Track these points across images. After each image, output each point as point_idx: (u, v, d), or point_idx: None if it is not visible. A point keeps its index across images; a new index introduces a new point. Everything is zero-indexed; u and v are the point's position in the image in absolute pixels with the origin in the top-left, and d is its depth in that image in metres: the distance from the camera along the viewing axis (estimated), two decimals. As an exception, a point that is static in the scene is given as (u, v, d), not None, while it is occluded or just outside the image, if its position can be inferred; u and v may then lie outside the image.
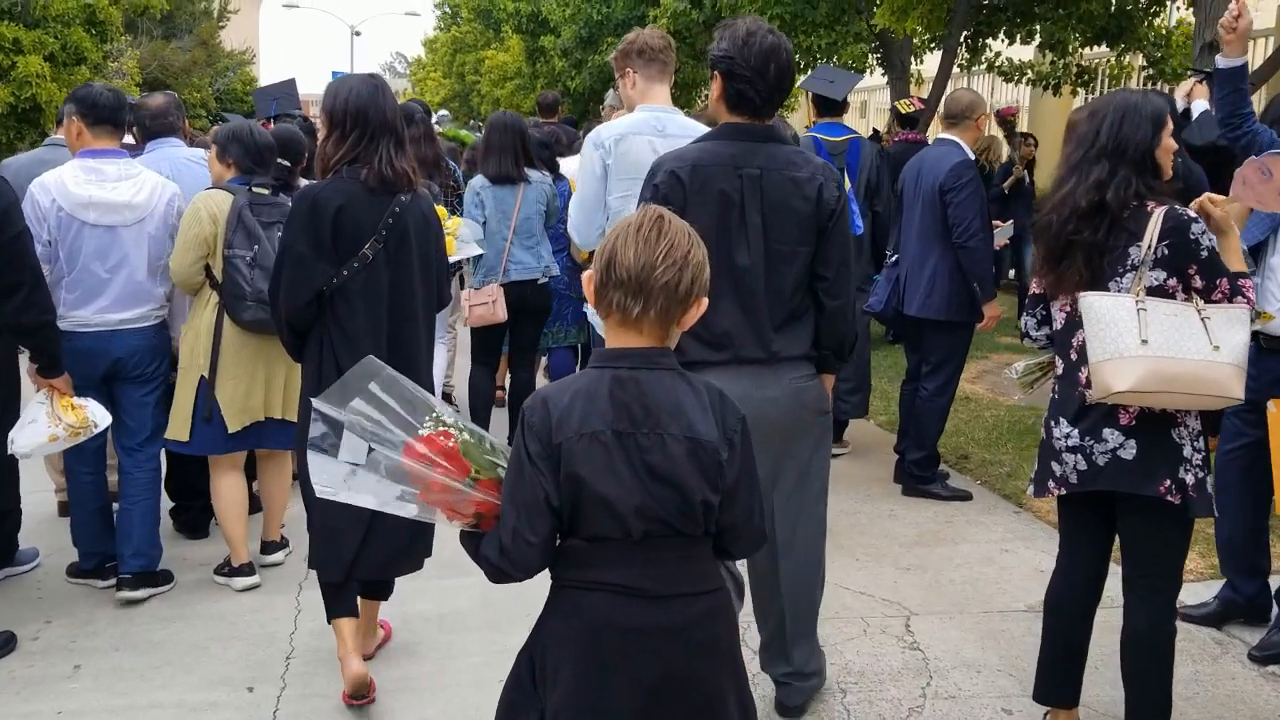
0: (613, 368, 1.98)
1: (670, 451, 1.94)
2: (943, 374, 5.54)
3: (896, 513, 5.43)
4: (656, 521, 1.94)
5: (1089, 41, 10.68)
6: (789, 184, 3.01)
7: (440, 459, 2.02)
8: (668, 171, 3.01)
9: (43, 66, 11.76)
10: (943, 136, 5.50)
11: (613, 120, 4.22)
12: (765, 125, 3.07)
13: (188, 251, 4.08)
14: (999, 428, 6.85)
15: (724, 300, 2.94)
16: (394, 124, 3.34)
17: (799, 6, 10.46)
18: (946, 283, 5.38)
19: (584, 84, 17.57)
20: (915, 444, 5.61)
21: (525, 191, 5.75)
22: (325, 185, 3.33)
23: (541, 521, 1.93)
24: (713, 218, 2.95)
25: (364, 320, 3.31)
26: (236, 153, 4.25)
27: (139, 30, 21.51)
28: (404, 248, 3.37)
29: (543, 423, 1.94)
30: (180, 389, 4.21)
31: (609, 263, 1.96)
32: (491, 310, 5.64)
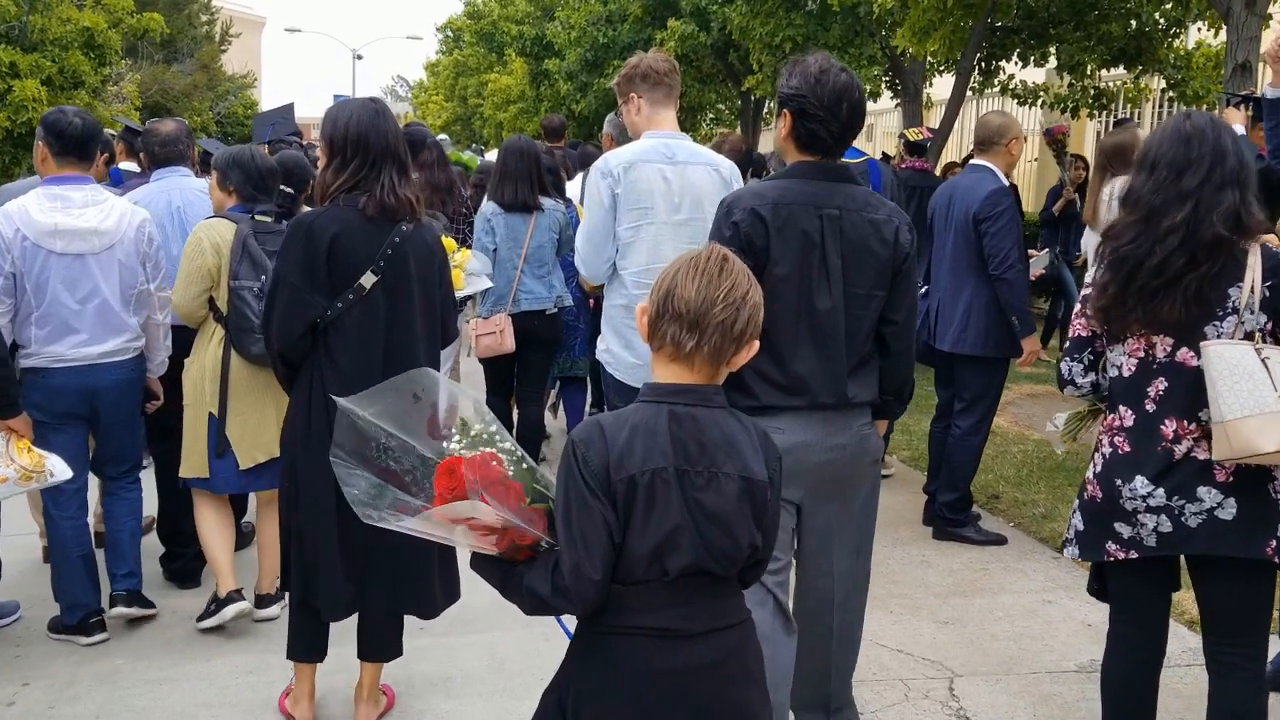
0: (670, 403, 1.96)
1: (724, 490, 1.93)
2: (977, 411, 5.26)
3: (929, 559, 5.14)
4: (696, 564, 1.93)
5: (1107, 63, 10.45)
6: (868, 226, 2.91)
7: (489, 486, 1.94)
8: (748, 209, 2.86)
9: (40, 90, 11.58)
10: (975, 163, 5.24)
11: (617, 148, 4.03)
12: (840, 165, 2.98)
13: (191, 284, 3.93)
14: (1028, 464, 6.56)
15: (802, 344, 2.86)
16: (396, 150, 3.22)
17: (811, 28, 10.24)
18: (982, 316, 5.10)
19: (589, 107, 17.37)
20: (947, 485, 5.32)
21: (538, 219, 5.56)
22: (321, 213, 3.21)
23: (605, 558, 1.90)
24: (795, 258, 2.85)
25: (358, 355, 3.16)
26: (237, 179, 4.06)
27: (139, 54, 21.35)
28: (404, 280, 3.22)
29: (600, 458, 1.91)
30: (190, 427, 4.05)
31: (667, 295, 1.94)
32: (499, 340, 5.44)
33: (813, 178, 2.91)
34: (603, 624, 1.97)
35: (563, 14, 17.82)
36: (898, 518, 5.64)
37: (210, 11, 32.74)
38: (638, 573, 1.93)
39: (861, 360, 2.98)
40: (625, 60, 4.12)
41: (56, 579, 4.11)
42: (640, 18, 15.32)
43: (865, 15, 10.00)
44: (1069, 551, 2.96)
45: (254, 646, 4.08)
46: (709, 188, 3.85)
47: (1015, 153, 5.20)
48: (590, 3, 16.47)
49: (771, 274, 2.80)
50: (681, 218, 3.83)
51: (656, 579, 1.93)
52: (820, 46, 10.38)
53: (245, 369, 3.94)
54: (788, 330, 2.84)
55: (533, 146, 5.69)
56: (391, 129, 3.23)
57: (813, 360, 2.89)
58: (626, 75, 3.94)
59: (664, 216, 3.81)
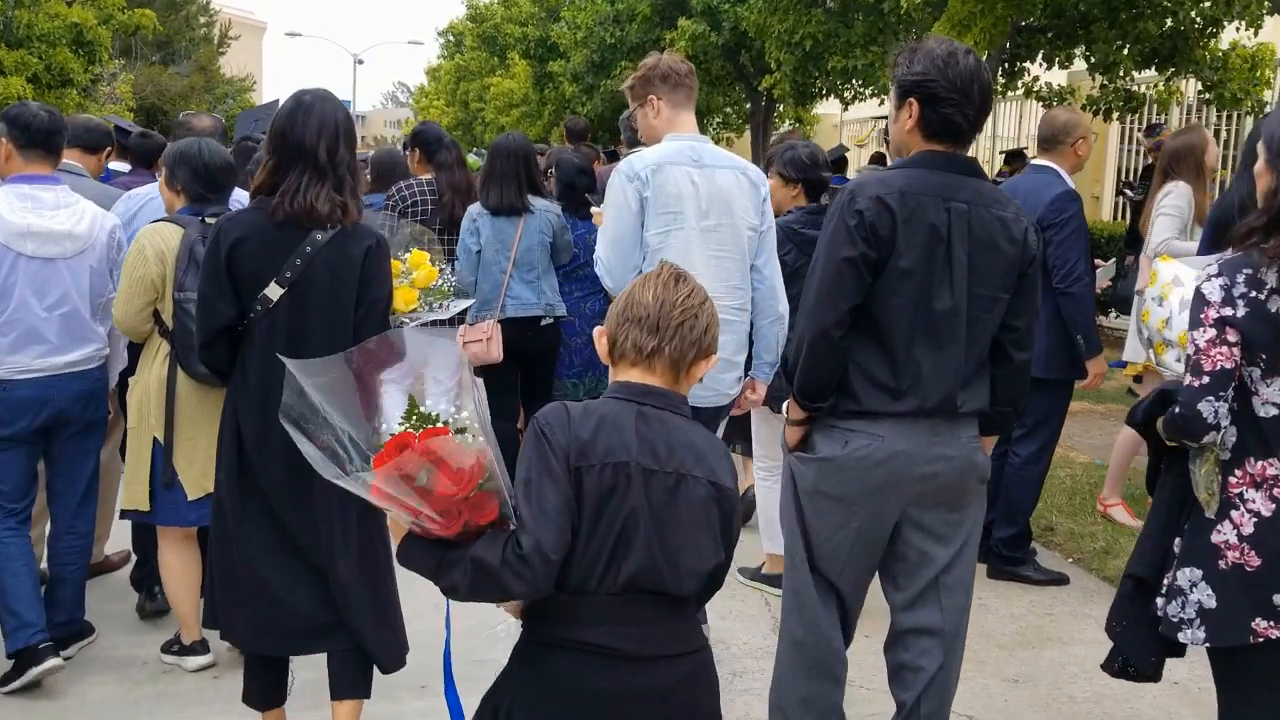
0: (639, 403, 1.92)
1: (692, 494, 1.89)
2: (1038, 439, 4.77)
3: (986, 601, 4.63)
4: (649, 575, 1.86)
5: (1141, 64, 9.98)
6: (997, 223, 2.70)
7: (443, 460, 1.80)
8: (873, 198, 2.65)
9: (25, 88, 11.09)
10: (1038, 163, 4.74)
11: (641, 150, 3.78)
12: (969, 157, 2.80)
13: (134, 297, 3.56)
14: (1079, 492, 6.06)
15: (918, 344, 2.67)
16: (313, 149, 2.94)
17: (833, 25, 9.77)
18: (1044, 334, 4.59)
19: (595, 110, 16.93)
20: (1004, 518, 4.83)
21: (527, 222, 5.18)
22: (232, 216, 3.06)
23: (563, 540, 1.82)
24: (920, 253, 2.65)
25: (261, 371, 2.94)
26: (184, 177, 3.67)
27: (134, 54, 20.88)
28: (311, 294, 2.97)
29: (565, 442, 1.86)
30: (132, 453, 3.68)
31: (626, 305, 1.97)
32: (485, 349, 5.07)
33: (940, 168, 2.71)
34: (544, 635, 1.90)
35: (568, 14, 17.38)
36: (946, 553, 5.13)
37: (209, 13, 32.37)
38: (589, 582, 1.85)
39: (977, 367, 2.77)
40: (633, 61, 3.93)
41: None
42: (649, 17, 14.92)
43: (889, 12, 9.54)
44: (1189, 636, 2.49)
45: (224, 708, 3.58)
46: (737, 192, 3.68)
47: (1083, 153, 4.70)
48: (597, 2, 16.03)
49: (895, 267, 2.63)
50: (710, 223, 3.63)
51: (605, 591, 1.85)
52: (842, 44, 9.94)
53: (194, 390, 3.57)
54: (904, 329, 2.66)
55: (522, 146, 5.33)
56: (311, 125, 2.94)
57: (926, 362, 2.68)
58: (643, 77, 3.75)
59: (693, 222, 3.61)
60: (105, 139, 4.75)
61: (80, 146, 4.56)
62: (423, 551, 1.89)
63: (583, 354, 5.58)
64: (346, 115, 3.08)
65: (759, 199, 3.76)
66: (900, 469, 2.70)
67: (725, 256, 3.66)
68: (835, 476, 2.73)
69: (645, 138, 3.86)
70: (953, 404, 2.73)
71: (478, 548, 1.83)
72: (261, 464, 2.94)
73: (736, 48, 13.98)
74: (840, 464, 2.71)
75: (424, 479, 1.80)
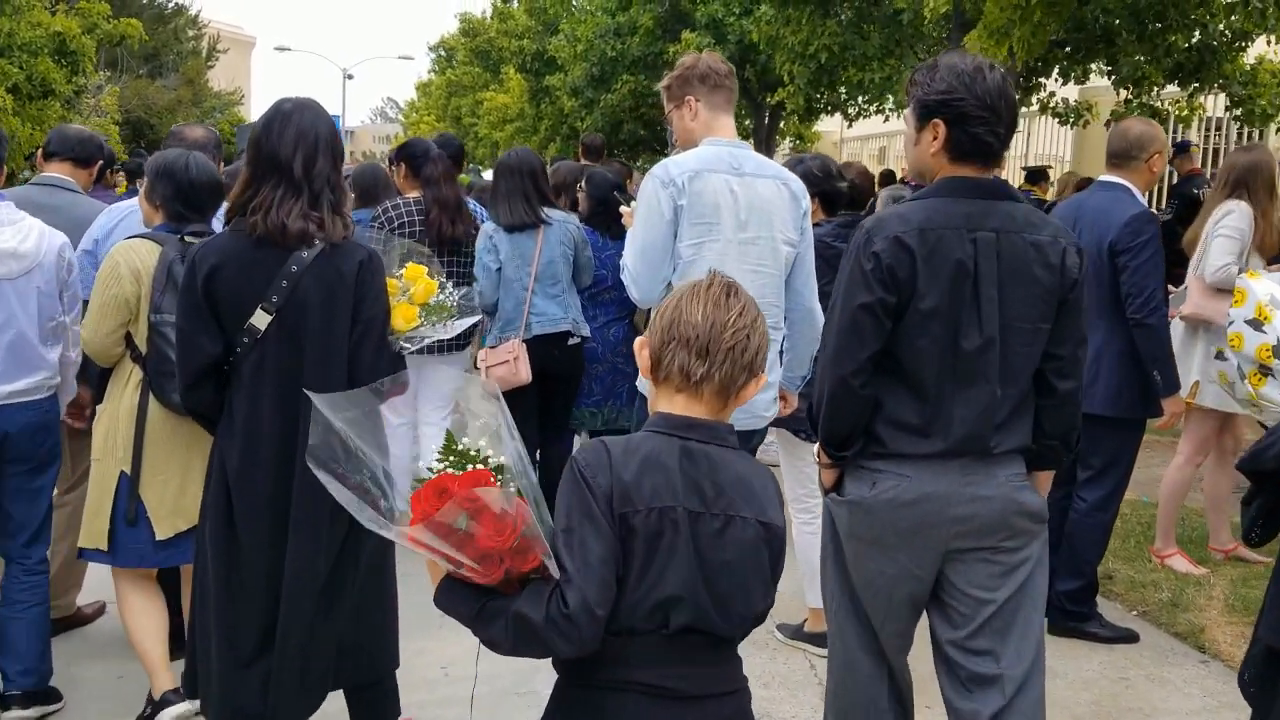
0: (682, 438, 1.82)
1: (742, 537, 1.81)
2: (1107, 483, 4.33)
3: (1052, 664, 4.12)
4: (701, 619, 1.79)
5: (1169, 78, 9.64)
6: (1030, 250, 2.52)
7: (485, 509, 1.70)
8: (890, 238, 2.49)
9: (5, 99, 10.63)
10: (1107, 180, 4.32)
11: (677, 155, 3.57)
12: (997, 179, 2.61)
13: (106, 317, 3.30)
14: (1133, 534, 5.62)
15: (947, 385, 2.53)
16: (288, 162, 2.73)
17: (848, 38, 9.38)
18: (1115, 369, 4.19)
19: (595, 124, 16.52)
20: (1068, 570, 4.39)
21: (546, 234, 4.91)
22: (207, 241, 2.84)
23: (609, 593, 1.73)
24: (944, 291, 2.49)
25: (249, 410, 2.74)
26: (165, 192, 3.37)
27: (120, 66, 20.43)
28: (304, 320, 2.74)
29: (606, 486, 1.76)
30: (95, 485, 3.38)
31: (673, 322, 1.85)
32: (514, 369, 4.76)
33: (964, 195, 2.53)
34: (591, 678, 1.80)
35: (567, 26, 16.99)
36: (1001, 606, 4.70)
37: (197, 26, 31.97)
38: (636, 622, 1.77)
39: (1016, 404, 2.60)
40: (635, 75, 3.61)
41: None
42: (651, 30, 14.55)
43: (908, 23, 9.16)
44: None
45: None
46: (778, 203, 3.48)
47: (1157, 169, 4.27)
48: (598, 15, 15.64)
49: (916, 309, 2.49)
50: (748, 235, 3.41)
51: (655, 630, 1.78)
52: (859, 57, 9.56)
53: (166, 420, 3.30)
54: (931, 370, 2.52)
55: (523, 161, 5.04)
56: (288, 136, 2.74)
57: (956, 403, 2.54)
58: (681, 77, 3.56)
59: (730, 233, 3.40)
60: (98, 152, 4.40)
61: (71, 159, 4.24)
62: (462, 598, 1.80)
63: (603, 381, 5.18)
64: (330, 126, 2.86)
65: (799, 213, 3.55)
66: (932, 511, 2.55)
67: (762, 271, 3.42)
68: (867, 519, 2.59)
69: (681, 141, 3.64)
70: (984, 444, 2.57)
71: (521, 603, 1.74)
72: (242, 508, 2.74)
73: (741, 62, 13.60)
74: (869, 506, 2.58)
75: (463, 524, 1.70)
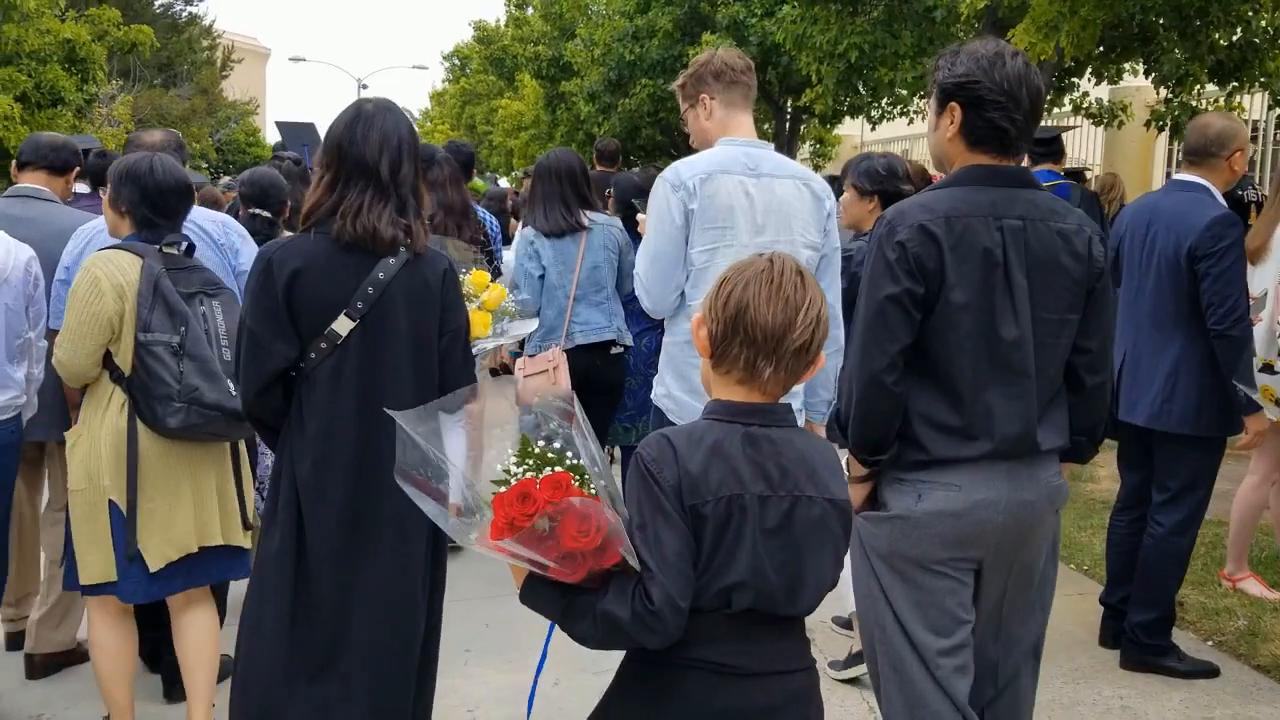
0: (743, 423, 1.83)
1: (810, 515, 1.82)
2: (1185, 506, 4.01)
3: (1130, 703, 3.88)
4: (762, 602, 1.80)
5: (1210, 76, 9.30)
6: (1056, 238, 2.46)
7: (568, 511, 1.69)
8: (915, 226, 2.40)
9: (12, 107, 10.40)
10: (1184, 179, 4.00)
11: (690, 157, 3.40)
12: (1019, 167, 2.55)
13: (86, 336, 3.07)
14: (1198, 554, 5.26)
15: (984, 381, 2.43)
16: (375, 165, 2.66)
17: (879, 36, 9.07)
18: (1194, 384, 3.88)
19: (612, 130, 16.23)
20: (1144, 600, 4.07)
21: (589, 238, 4.68)
22: (286, 243, 2.70)
23: (689, 584, 1.75)
24: (975, 281, 2.41)
25: (324, 419, 2.64)
26: (130, 197, 3.15)
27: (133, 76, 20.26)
28: (387, 326, 2.67)
29: (674, 479, 1.76)
30: (83, 519, 3.14)
31: (739, 314, 1.80)
32: (552, 379, 4.56)
33: (987, 183, 2.46)
34: (654, 655, 1.81)
35: (584, 31, 16.72)
36: (1067, 635, 4.38)
37: (211, 36, 31.88)
38: (699, 603, 1.78)
39: (1052, 398, 2.53)
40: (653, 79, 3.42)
41: None
42: (670, 33, 14.25)
43: (941, 21, 8.85)
44: None
45: None
46: (798, 205, 3.32)
47: (1239, 168, 3.95)
48: (615, 19, 15.36)
49: (947, 301, 2.39)
50: (765, 239, 3.25)
51: (718, 610, 1.79)
52: (890, 55, 9.25)
53: (154, 445, 3.13)
54: (967, 366, 2.42)
55: (560, 163, 4.79)
56: (373, 138, 2.66)
57: (997, 400, 2.44)
58: (695, 75, 3.43)
59: (745, 239, 3.24)
60: (73, 158, 4.14)
61: (45, 168, 4.03)
62: (548, 595, 1.82)
63: (636, 396, 4.92)
64: (411, 129, 2.76)
65: (823, 214, 3.38)
66: (981, 520, 2.45)
67: None
68: (912, 536, 2.47)
69: (697, 142, 3.48)
70: (1032, 443, 2.49)
71: (607, 601, 1.76)
72: (313, 518, 2.64)
73: (763, 64, 13.31)
74: (917, 521, 2.45)
75: (545, 526, 1.71)
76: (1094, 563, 5.23)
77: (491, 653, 3.99)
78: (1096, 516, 5.89)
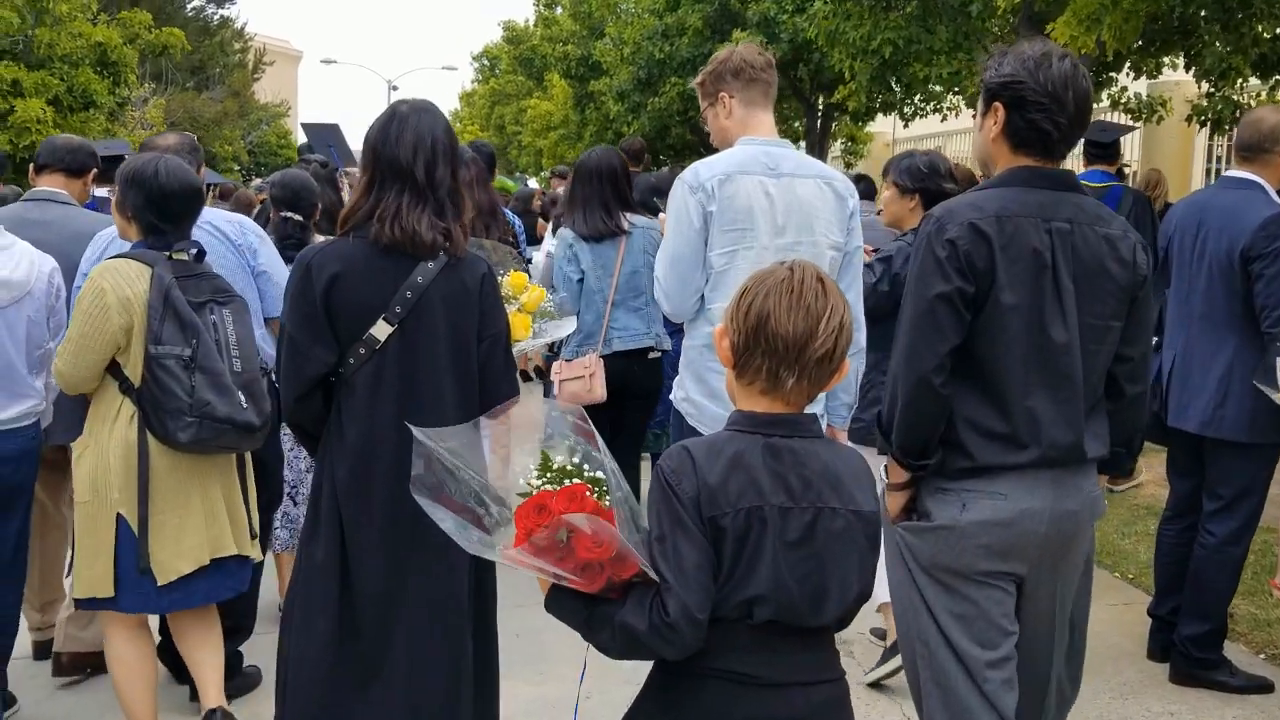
0: (765, 434, 1.81)
1: (833, 528, 1.80)
2: (1239, 514, 3.87)
3: (1181, 718, 3.75)
4: (785, 614, 1.78)
5: (1254, 70, 9.09)
6: (1103, 243, 2.44)
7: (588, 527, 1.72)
8: (965, 224, 2.37)
9: (45, 111, 10.44)
10: (1236, 175, 3.86)
11: (709, 158, 3.36)
12: (1065, 170, 2.54)
13: (87, 350, 3.01)
14: (1246, 564, 5.11)
15: (1032, 386, 2.40)
16: (409, 167, 2.64)
17: (913, 32, 8.93)
18: (1248, 389, 3.72)
19: (641, 129, 16.14)
20: (1195, 612, 3.93)
21: (629, 242, 4.60)
22: (325, 246, 2.69)
23: (708, 595, 1.75)
24: (1025, 283, 2.38)
25: (363, 425, 2.62)
26: (135, 201, 3.07)
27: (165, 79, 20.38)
28: (427, 330, 2.65)
29: (693, 491, 1.76)
30: (88, 532, 3.08)
31: (760, 325, 1.79)
32: (588, 386, 4.49)
33: (1034, 185, 2.43)
34: (679, 663, 1.79)
35: (613, 30, 16.64)
36: (1114, 648, 4.25)
37: (243, 39, 32.07)
38: (721, 614, 1.77)
39: (1093, 406, 2.51)
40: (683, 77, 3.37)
41: None
42: (700, 31, 14.14)
43: (977, 15, 8.69)
44: None
45: None
46: (820, 205, 3.26)
47: (1301, 162, 3.82)
48: (645, 17, 15.26)
49: (997, 302, 2.35)
50: (787, 241, 3.20)
51: (740, 620, 1.77)
52: (924, 51, 9.10)
53: (164, 457, 3.07)
54: (1015, 370, 2.38)
55: (607, 164, 4.69)
56: (406, 139, 2.64)
57: (1045, 405, 2.41)
58: (714, 72, 3.36)
59: (766, 240, 3.19)
60: (89, 160, 4.12)
61: (62, 170, 4.00)
62: (571, 606, 1.84)
63: (667, 403, 4.83)
64: (448, 130, 2.73)
65: (845, 214, 3.31)
66: (1026, 530, 2.41)
67: None
68: (957, 546, 2.42)
69: (717, 141, 3.42)
70: (1080, 451, 2.46)
71: (625, 612, 1.77)
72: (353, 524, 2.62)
73: (794, 61, 13.18)
74: (963, 531, 2.40)
75: (563, 537, 1.74)
76: (1139, 571, 5.09)
77: (520, 664, 3.91)
78: (1140, 523, 5.74)
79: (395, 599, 2.63)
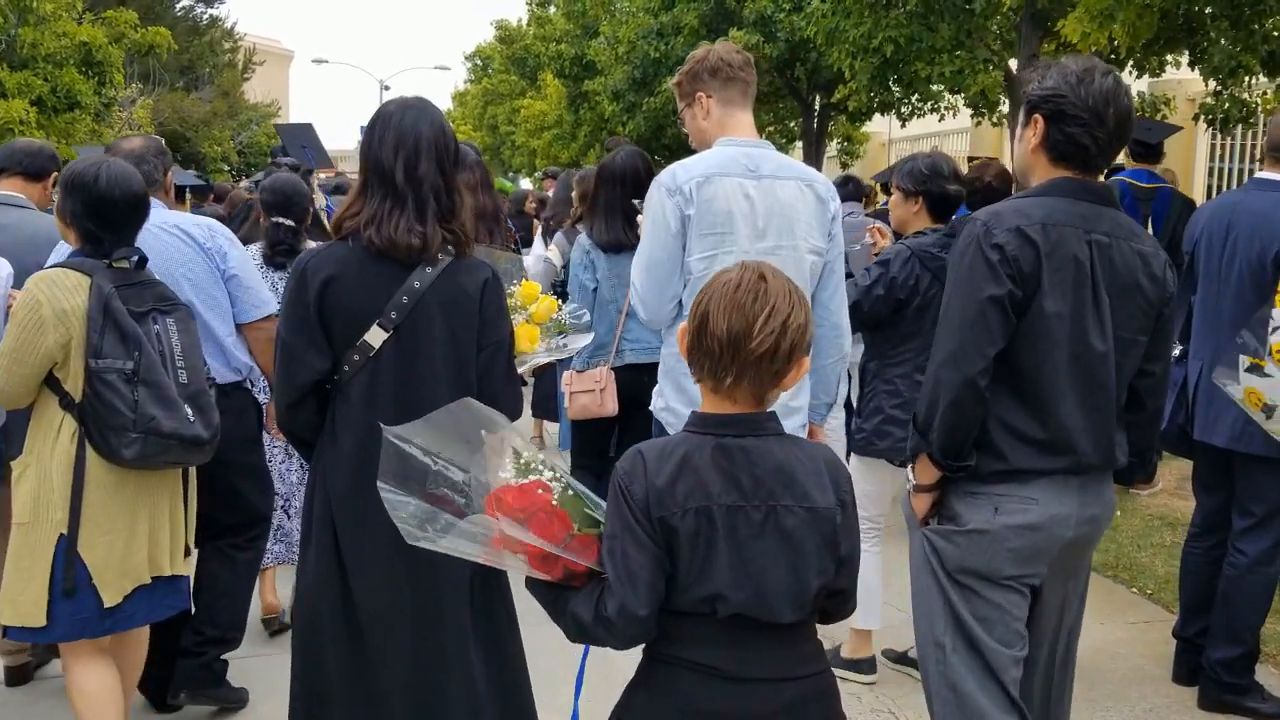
0: (716, 434, 1.85)
1: (784, 525, 1.82)
2: (1271, 533, 3.69)
3: (1213, 749, 3.57)
4: (749, 609, 1.81)
5: (1263, 67, 8.93)
6: (1137, 258, 2.49)
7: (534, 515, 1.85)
8: (1013, 230, 2.40)
9: (29, 112, 10.21)
10: (1267, 177, 3.69)
11: (686, 159, 3.26)
12: (1104, 185, 2.58)
13: (20, 364, 2.87)
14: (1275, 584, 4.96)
15: (1068, 393, 2.44)
16: (390, 170, 2.57)
17: (915, 30, 8.75)
18: None
19: (637, 129, 15.98)
20: (1225, 635, 3.75)
21: None
22: (320, 251, 2.65)
23: (653, 593, 1.80)
24: (1068, 291, 2.42)
25: (358, 433, 2.55)
26: (74, 208, 2.91)
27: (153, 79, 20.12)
28: (424, 337, 2.59)
29: (642, 494, 1.81)
30: (23, 555, 2.94)
31: (700, 326, 1.83)
32: (599, 399, 4.41)
33: (1077, 196, 2.47)
34: (656, 651, 1.89)
35: (608, 29, 16.46)
36: (1137, 670, 4.07)
37: (233, 39, 31.83)
38: (685, 605, 1.82)
39: (1118, 416, 2.56)
40: None
41: None
42: (696, 29, 13.98)
43: (980, 13, 8.52)
44: None
45: None
46: (801, 208, 3.19)
47: (1327, 162, 3.65)
48: (640, 16, 15.09)
49: (1041, 308, 2.39)
50: (767, 245, 3.13)
51: (709, 614, 1.82)
52: (926, 49, 8.92)
53: (108, 472, 2.93)
54: (1054, 376, 2.42)
55: (630, 168, 4.48)
56: (388, 140, 2.57)
57: (1080, 413, 2.45)
58: (691, 72, 3.30)
59: (746, 244, 3.11)
60: (49, 164, 3.96)
61: (21, 174, 3.85)
62: (540, 590, 1.93)
63: None
64: (436, 126, 2.62)
65: (827, 217, 3.25)
66: (1054, 535, 2.47)
67: None
68: (988, 550, 2.46)
69: (695, 142, 3.34)
70: (1112, 459, 2.53)
71: (575, 602, 1.86)
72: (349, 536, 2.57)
73: (791, 60, 13.00)
74: (995, 535, 2.44)
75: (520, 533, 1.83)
76: (1158, 586, 4.91)
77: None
78: (1156, 534, 5.57)
79: (396, 609, 2.59)
